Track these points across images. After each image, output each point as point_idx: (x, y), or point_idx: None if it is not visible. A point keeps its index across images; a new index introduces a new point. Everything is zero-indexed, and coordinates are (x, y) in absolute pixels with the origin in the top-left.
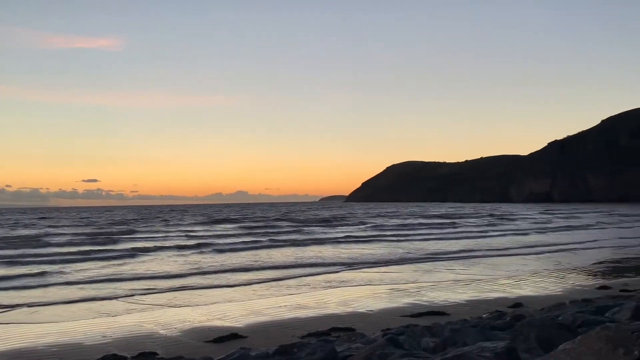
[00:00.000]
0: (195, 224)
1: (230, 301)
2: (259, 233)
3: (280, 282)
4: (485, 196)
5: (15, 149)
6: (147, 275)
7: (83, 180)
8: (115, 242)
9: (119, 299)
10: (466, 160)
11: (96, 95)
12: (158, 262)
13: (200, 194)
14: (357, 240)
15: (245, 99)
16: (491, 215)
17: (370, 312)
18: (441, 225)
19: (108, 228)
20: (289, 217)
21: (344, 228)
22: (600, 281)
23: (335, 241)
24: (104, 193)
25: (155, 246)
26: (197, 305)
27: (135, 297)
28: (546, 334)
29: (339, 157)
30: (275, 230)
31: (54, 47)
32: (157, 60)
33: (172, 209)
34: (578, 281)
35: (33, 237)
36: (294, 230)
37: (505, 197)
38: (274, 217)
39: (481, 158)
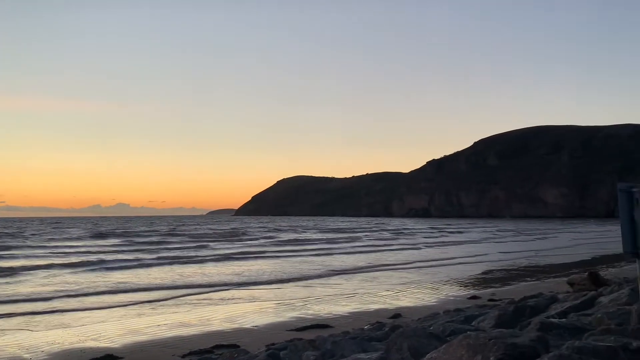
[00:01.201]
0: (76, 238)
1: (106, 321)
2: (146, 250)
3: (165, 302)
4: (371, 211)
5: None
6: (16, 297)
7: None
8: None
9: None
10: (353, 176)
11: None
12: (31, 283)
13: (77, 206)
14: (254, 256)
15: (132, 108)
16: (384, 230)
17: (255, 327)
18: (339, 240)
19: None
20: (181, 231)
21: (243, 243)
22: (472, 291)
23: (235, 257)
24: None
25: (31, 265)
26: (69, 326)
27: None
28: (418, 343)
29: (227, 170)
30: (163, 247)
31: None
32: (27, 62)
33: (46, 221)
34: (452, 292)
35: None
36: (191, 247)
37: (388, 212)
38: (160, 231)
39: (367, 174)
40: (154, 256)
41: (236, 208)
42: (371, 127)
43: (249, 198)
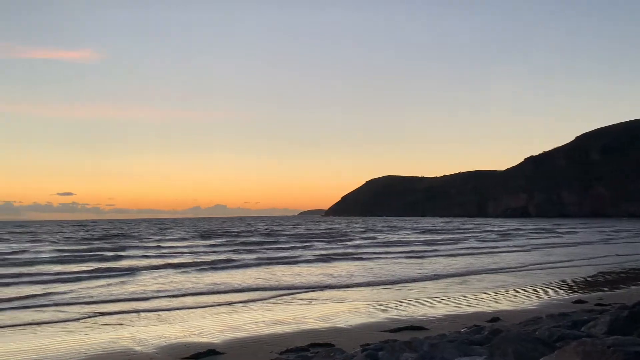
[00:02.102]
0: (181, 239)
1: (206, 318)
2: (244, 250)
3: (261, 301)
4: (463, 211)
5: None
6: (128, 295)
7: (58, 194)
8: (108, 259)
9: (94, 317)
10: (444, 175)
11: (72, 107)
12: (141, 282)
13: (179, 208)
14: (354, 257)
15: (224, 114)
16: (485, 231)
17: (349, 327)
18: (440, 242)
19: (97, 244)
20: (277, 231)
21: (341, 244)
22: (577, 295)
23: (334, 257)
24: (79, 206)
25: (142, 265)
26: (174, 322)
27: (116, 316)
28: (523, 348)
29: (317, 171)
30: (262, 247)
31: (28, 57)
32: (134, 74)
33: (152, 222)
34: (555, 295)
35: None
36: (299, 247)
37: (482, 212)
38: (258, 231)
39: (459, 173)
40: (253, 256)
41: (326, 209)
42: (462, 123)
43: (338, 198)
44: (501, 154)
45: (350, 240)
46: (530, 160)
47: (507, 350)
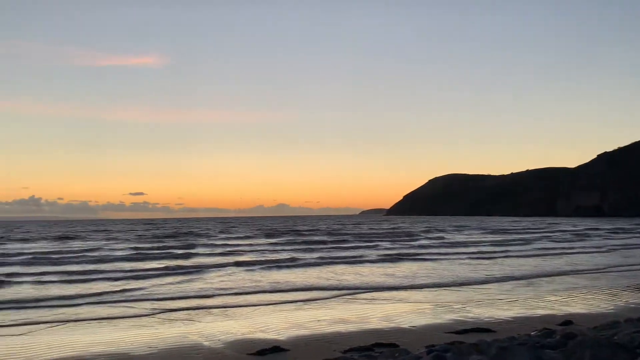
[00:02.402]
0: (248, 237)
1: (271, 315)
2: (308, 249)
3: (324, 300)
4: (531, 210)
5: (65, 163)
6: (195, 293)
7: (130, 193)
8: (177, 257)
9: (165, 313)
10: (511, 173)
11: (141, 111)
12: (208, 280)
13: (243, 207)
14: (422, 257)
15: (285, 114)
16: (561, 230)
17: (413, 327)
18: (509, 242)
19: (167, 242)
20: (337, 230)
21: (411, 243)
22: None
23: (404, 257)
24: (150, 205)
25: (210, 263)
26: (239, 318)
27: (185, 312)
28: (602, 354)
29: (378, 170)
30: (337, 246)
31: (99, 64)
32: (198, 77)
33: (218, 221)
34: (633, 299)
35: (93, 249)
36: (362, 246)
37: (551, 211)
38: (321, 230)
39: (526, 171)
40: (316, 255)
41: (387, 208)
42: (529, 119)
43: (400, 197)
44: (571, 150)
45: (415, 240)
46: (605, 157)
47: (583, 355)
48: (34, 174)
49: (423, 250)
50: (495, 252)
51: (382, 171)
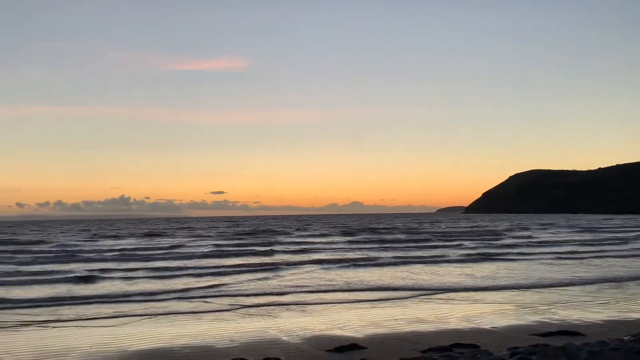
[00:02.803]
0: (324, 235)
1: (348, 313)
2: (394, 247)
3: (401, 300)
4: (622, 207)
5: (151, 164)
6: (280, 289)
7: (211, 192)
8: (257, 254)
9: (256, 308)
10: (599, 168)
11: (220, 113)
12: (295, 276)
13: (317, 205)
14: (509, 257)
15: (358, 111)
16: None
17: (494, 328)
18: (603, 241)
19: (248, 239)
20: (416, 229)
21: (493, 242)
22: None
23: (491, 257)
24: (230, 204)
25: (294, 260)
26: (317, 315)
27: (264, 308)
28: None
29: (456, 167)
30: (415, 245)
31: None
32: (275, 78)
33: (294, 219)
34: None
35: (174, 246)
36: (441, 245)
37: None
38: (399, 228)
39: (616, 165)
40: (391, 254)
41: (465, 206)
42: (616, 109)
43: (479, 195)
44: None
45: (499, 239)
46: None
47: None
48: (124, 175)
49: (507, 250)
50: (587, 252)
51: (459, 168)
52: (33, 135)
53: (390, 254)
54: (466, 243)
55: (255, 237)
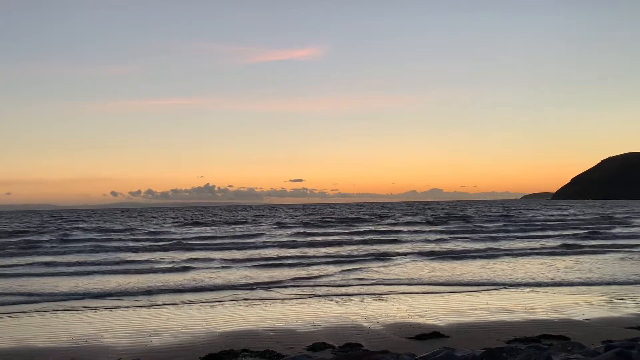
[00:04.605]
0: (416, 223)
1: (431, 301)
2: (487, 238)
3: (484, 291)
4: None
5: (234, 153)
6: (363, 277)
7: (290, 180)
8: (342, 244)
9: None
10: None
11: (299, 102)
12: (387, 268)
13: (395, 192)
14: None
15: (438, 96)
16: None
17: (586, 320)
18: None
19: (334, 227)
20: (516, 216)
21: (578, 232)
22: None
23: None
24: (308, 191)
25: (385, 251)
26: (398, 302)
27: (345, 296)
28: None
29: (541, 150)
30: (509, 235)
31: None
32: (350, 66)
33: (375, 206)
34: None
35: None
36: (534, 236)
37: None
38: (490, 216)
39: None
40: (483, 246)
41: (552, 192)
42: None
43: (567, 180)
44: None
45: (598, 229)
46: None
47: None
48: (208, 164)
49: (602, 242)
50: None
51: (546, 152)
52: (125, 129)
53: (480, 244)
54: (560, 233)
55: (340, 226)
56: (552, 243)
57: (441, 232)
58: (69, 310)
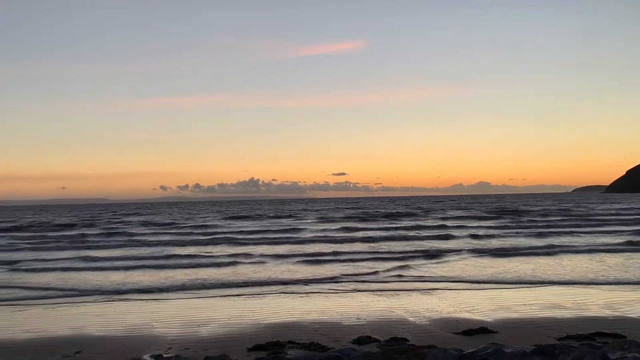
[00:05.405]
0: (462, 218)
1: (478, 296)
2: (545, 234)
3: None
4: None
5: (277, 147)
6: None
7: (333, 174)
8: (392, 239)
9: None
10: None
11: (342, 96)
12: (447, 264)
13: (440, 185)
14: None
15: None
16: None
17: None
18: None
19: (382, 222)
20: (578, 212)
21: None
22: None
23: None
24: (351, 185)
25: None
26: (445, 297)
27: (391, 291)
28: None
29: (594, 140)
30: (562, 230)
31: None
32: (392, 58)
33: (421, 200)
34: None
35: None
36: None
37: None
38: (548, 210)
39: None
40: (543, 242)
41: (606, 184)
42: None
43: (623, 172)
44: None
45: None
46: None
47: None
48: (253, 159)
49: None
50: None
51: (598, 142)
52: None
53: (533, 240)
54: (623, 228)
55: (385, 220)
56: (614, 239)
57: (491, 227)
58: (121, 300)
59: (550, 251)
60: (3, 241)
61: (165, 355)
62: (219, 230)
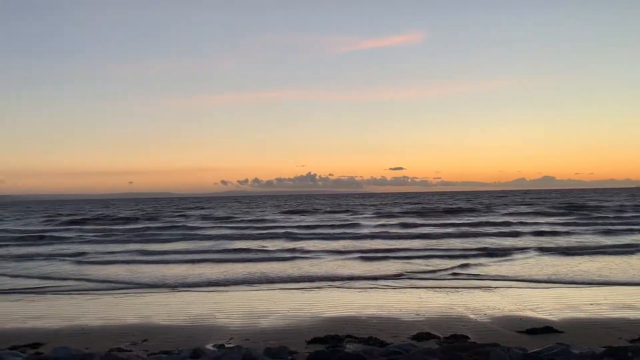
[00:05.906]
0: (530, 214)
1: (542, 294)
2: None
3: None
4: None
5: (334, 142)
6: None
7: (390, 168)
8: (454, 236)
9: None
10: None
11: (400, 89)
12: (515, 262)
13: (502, 180)
14: None
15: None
16: None
17: None
18: None
19: (443, 218)
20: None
21: None
22: None
23: None
24: (409, 180)
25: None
26: (507, 295)
27: (451, 288)
28: None
29: None
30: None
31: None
32: (451, 51)
33: (482, 196)
34: None
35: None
36: None
37: None
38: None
39: None
40: (611, 241)
41: None
42: None
43: None
44: None
45: None
46: None
47: None
48: (310, 153)
49: None
50: None
51: None
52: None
53: (605, 239)
54: None
55: (444, 216)
56: None
57: (558, 223)
58: (185, 291)
59: (623, 250)
60: (73, 233)
61: (227, 346)
62: (277, 224)
